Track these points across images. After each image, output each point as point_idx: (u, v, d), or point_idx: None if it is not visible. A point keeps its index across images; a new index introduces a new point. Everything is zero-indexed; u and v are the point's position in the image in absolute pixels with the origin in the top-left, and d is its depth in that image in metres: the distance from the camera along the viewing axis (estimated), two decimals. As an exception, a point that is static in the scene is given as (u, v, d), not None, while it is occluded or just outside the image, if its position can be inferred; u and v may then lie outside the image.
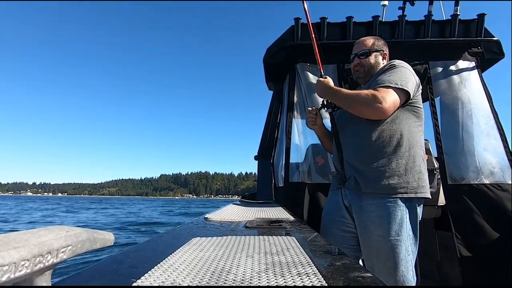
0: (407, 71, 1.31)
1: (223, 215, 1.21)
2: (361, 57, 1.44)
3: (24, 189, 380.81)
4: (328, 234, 1.46)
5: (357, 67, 1.46)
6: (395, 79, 1.26)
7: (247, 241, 0.69)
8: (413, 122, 1.32)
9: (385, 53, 1.47)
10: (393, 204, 1.24)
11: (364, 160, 1.31)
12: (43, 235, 0.33)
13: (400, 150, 1.26)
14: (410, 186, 1.24)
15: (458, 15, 2.18)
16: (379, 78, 1.30)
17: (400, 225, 1.22)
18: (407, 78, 1.27)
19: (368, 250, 1.30)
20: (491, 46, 2.21)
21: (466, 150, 2.02)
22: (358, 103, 1.27)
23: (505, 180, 1.96)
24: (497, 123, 2.05)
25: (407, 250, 1.22)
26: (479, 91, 2.13)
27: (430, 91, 2.15)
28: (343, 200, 1.41)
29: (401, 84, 1.24)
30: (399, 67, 1.31)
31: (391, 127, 1.28)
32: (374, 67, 1.43)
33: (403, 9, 2.67)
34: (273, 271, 0.45)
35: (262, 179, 3.00)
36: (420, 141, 1.33)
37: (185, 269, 0.46)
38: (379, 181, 1.26)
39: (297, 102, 2.29)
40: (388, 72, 1.31)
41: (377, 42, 1.45)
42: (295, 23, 2.24)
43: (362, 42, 1.47)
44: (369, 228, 1.28)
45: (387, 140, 1.27)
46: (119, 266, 0.48)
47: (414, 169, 1.26)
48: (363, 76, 1.45)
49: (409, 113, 1.31)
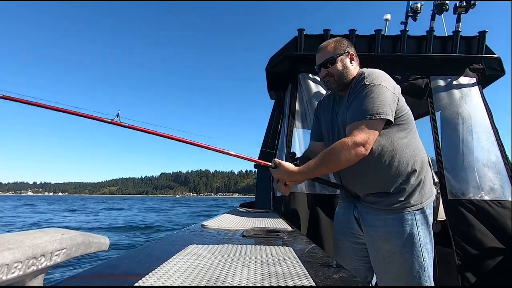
0: (380, 88, 1.17)
1: (220, 223, 1.20)
2: (327, 66, 1.31)
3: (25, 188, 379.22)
4: (339, 246, 1.43)
5: (326, 78, 1.32)
6: (369, 107, 1.15)
7: (243, 250, 0.68)
8: (403, 133, 1.24)
9: (351, 53, 1.33)
10: (400, 220, 1.20)
11: (368, 188, 1.28)
12: (38, 237, 0.33)
13: (402, 168, 1.22)
14: (415, 198, 1.21)
15: (459, 31, 2.21)
16: (352, 110, 1.21)
17: (410, 240, 1.18)
18: (382, 99, 1.15)
19: (378, 264, 1.27)
20: (492, 63, 2.24)
21: (467, 165, 2.02)
22: (341, 162, 1.16)
23: (505, 197, 1.95)
24: (498, 139, 2.05)
25: (420, 266, 1.17)
26: (480, 107, 2.14)
27: (431, 105, 2.16)
28: (354, 212, 1.36)
29: (376, 112, 1.14)
30: (370, 86, 1.18)
31: (387, 149, 1.22)
32: (343, 73, 1.30)
33: (406, 24, 2.71)
34: (269, 282, 0.44)
35: (261, 187, 2.99)
36: (417, 147, 1.27)
37: (180, 277, 0.45)
38: (386, 200, 1.23)
39: (299, 111, 2.30)
40: (360, 96, 1.19)
41: (339, 45, 1.32)
42: (298, 34, 2.28)
43: (323, 49, 1.33)
44: (378, 244, 1.25)
45: (387, 163, 1.22)
46: (113, 271, 0.48)
47: (419, 180, 1.23)
48: (335, 86, 1.33)
49: (395, 127, 1.23)
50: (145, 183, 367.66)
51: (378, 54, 2.21)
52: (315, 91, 2.26)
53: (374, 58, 2.23)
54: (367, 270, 1.35)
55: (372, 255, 1.28)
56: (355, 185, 1.33)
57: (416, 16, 2.65)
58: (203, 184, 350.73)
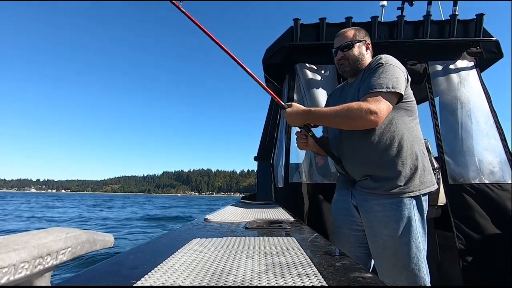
0: (395, 68, 1.25)
1: (223, 216, 1.21)
2: (344, 50, 1.38)
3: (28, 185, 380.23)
4: (339, 234, 1.45)
5: (341, 61, 1.40)
6: (385, 81, 1.21)
7: (247, 242, 0.69)
8: (408, 118, 1.29)
9: (368, 43, 1.41)
10: (399, 204, 1.23)
11: (367, 168, 1.30)
12: (43, 237, 0.33)
13: (403, 150, 1.24)
14: (414, 185, 1.24)
15: (456, 15, 2.18)
16: (368, 82, 1.25)
17: (408, 223, 1.22)
18: (397, 77, 1.22)
19: (376, 249, 1.29)
20: (490, 46, 2.22)
21: (466, 149, 2.02)
22: (351, 119, 1.19)
23: (505, 179, 1.96)
24: (497, 122, 2.05)
25: (417, 248, 1.21)
26: (478, 90, 2.13)
27: (430, 90, 2.15)
28: (352, 199, 1.39)
29: (392, 86, 1.20)
30: (387, 65, 1.25)
31: (390, 129, 1.25)
32: (359, 58, 1.38)
33: (402, 10, 2.68)
34: (273, 272, 0.45)
35: (262, 180, 3.00)
36: (418, 135, 1.31)
37: (185, 270, 0.46)
38: (385, 184, 1.25)
39: (297, 101, 2.29)
40: (377, 72, 1.25)
41: (358, 33, 1.40)
42: (294, 23, 2.25)
43: (343, 35, 1.41)
44: (376, 228, 1.27)
45: (388, 144, 1.25)
46: (119, 268, 0.48)
47: (418, 166, 1.25)
48: (349, 69, 1.40)
49: (402, 110, 1.28)
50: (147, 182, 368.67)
51: (375, 41, 2.19)
52: (312, 80, 2.24)
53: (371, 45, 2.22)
54: (366, 257, 1.37)
55: (370, 240, 1.31)
56: (354, 163, 1.34)
57: (413, 1, 2.62)
58: (205, 183, 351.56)
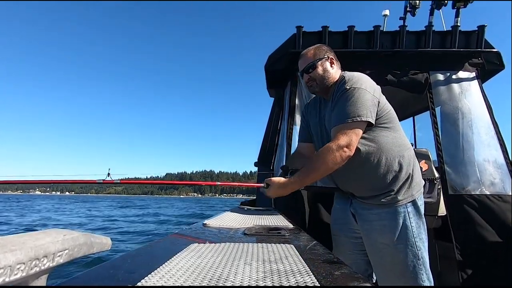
0: (360, 92, 1.22)
1: (221, 222, 1.20)
2: (309, 71, 1.38)
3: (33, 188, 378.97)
4: (337, 242, 1.48)
5: (309, 83, 1.40)
6: (352, 110, 1.20)
7: (245, 248, 0.68)
8: (388, 132, 1.28)
9: (331, 57, 1.39)
10: (394, 213, 1.25)
11: (359, 189, 1.34)
12: (40, 238, 0.33)
13: (392, 166, 1.26)
14: (406, 192, 1.26)
15: (458, 26, 2.20)
16: (336, 113, 1.25)
17: (404, 231, 1.23)
18: (363, 103, 1.21)
19: (374, 257, 1.31)
20: (491, 57, 2.23)
21: (467, 160, 2.02)
22: (329, 166, 1.20)
23: (506, 191, 1.95)
24: (498, 133, 2.05)
25: (414, 255, 1.22)
26: (480, 101, 2.14)
27: (431, 100, 2.16)
28: (350, 207, 1.42)
29: (358, 115, 1.19)
30: (351, 90, 1.23)
31: (373, 149, 1.26)
32: (324, 76, 1.36)
33: (404, 19, 2.70)
34: (271, 280, 0.44)
35: None
36: (403, 143, 1.30)
37: (182, 276, 0.45)
38: (378, 198, 1.28)
39: (299, 107, 2.30)
40: (342, 101, 1.24)
41: (318, 51, 1.39)
42: (297, 31, 2.27)
43: (304, 57, 1.41)
44: (373, 237, 1.29)
45: (375, 163, 1.26)
46: (116, 271, 0.48)
47: (409, 174, 1.28)
48: (318, 89, 1.39)
49: (380, 128, 1.28)
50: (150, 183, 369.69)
51: (377, 50, 2.21)
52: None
53: (373, 54, 2.23)
54: (366, 264, 1.39)
55: (368, 248, 1.33)
56: (349, 187, 1.38)
57: (415, 12, 2.64)
58: None
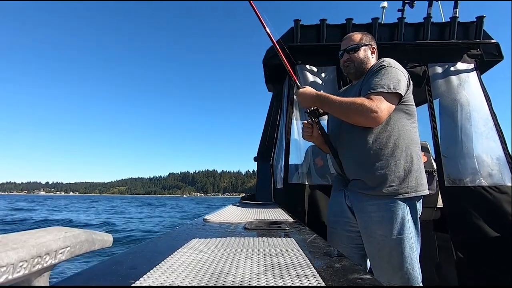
0: (397, 71, 1.30)
1: (222, 217, 1.21)
2: (350, 52, 1.43)
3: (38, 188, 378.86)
4: (334, 235, 1.48)
5: (347, 63, 1.45)
6: (387, 82, 1.25)
7: (246, 242, 0.69)
8: (407, 121, 1.32)
9: (374, 47, 1.47)
10: (393, 205, 1.26)
11: (363, 166, 1.32)
12: (42, 236, 0.33)
13: (398, 151, 1.27)
14: (409, 186, 1.26)
15: (457, 17, 2.19)
16: (371, 82, 1.29)
17: (402, 224, 1.24)
18: (399, 78, 1.27)
19: (371, 249, 1.31)
20: (490, 48, 2.22)
21: (465, 152, 2.02)
22: (353, 112, 1.25)
23: (504, 182, 1.95)
24: (496, 125, 2.05)
25: (411, 248, 1.24)
26: (478, 93, 2.13)
27: (429, 93, 2.15)
28: (346, 200, 1.42)
29: (393, 87, 1.24)
30: (389, 67, 1.30)
31: (386, 129, 1.29)
32: (364, 61, 1.43)
33: (402, 11, 2.68)
34: (272, 273, 0.45)
35: (261, 180, 3.00)
36: (415, 139, 1.34)
37: (184, 271, 0.46)
38: (380, 185, 1.27)
39: (297, 102, 2.29)
40: (379, 74, 1.29)
41: (365, 37, 1.46)
42: (294, 25, 2.25)
43: (350, 38, 1.46)
44: (371, 228, 1.30)
45: (383, 143, 1.28)
46: (118, 267, 0.48)
47: (413, 168, 1.28)
48: (353, 71, 1.45)
49: (401, 112, 1.31)
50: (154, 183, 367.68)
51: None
52: (313, 81, 2.24)
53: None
54: (360, 258, 1.40)
55: (365, 241, 1.33)
56: (349, 158, 1.37)
57: (413, 3, 2.62)
58: (210, 184, 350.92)
